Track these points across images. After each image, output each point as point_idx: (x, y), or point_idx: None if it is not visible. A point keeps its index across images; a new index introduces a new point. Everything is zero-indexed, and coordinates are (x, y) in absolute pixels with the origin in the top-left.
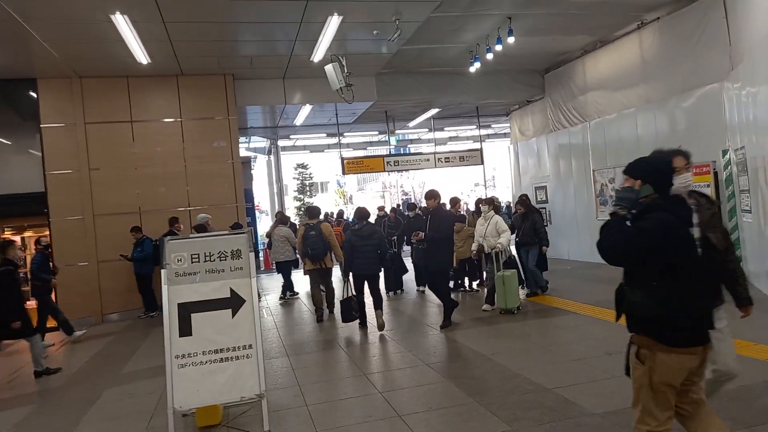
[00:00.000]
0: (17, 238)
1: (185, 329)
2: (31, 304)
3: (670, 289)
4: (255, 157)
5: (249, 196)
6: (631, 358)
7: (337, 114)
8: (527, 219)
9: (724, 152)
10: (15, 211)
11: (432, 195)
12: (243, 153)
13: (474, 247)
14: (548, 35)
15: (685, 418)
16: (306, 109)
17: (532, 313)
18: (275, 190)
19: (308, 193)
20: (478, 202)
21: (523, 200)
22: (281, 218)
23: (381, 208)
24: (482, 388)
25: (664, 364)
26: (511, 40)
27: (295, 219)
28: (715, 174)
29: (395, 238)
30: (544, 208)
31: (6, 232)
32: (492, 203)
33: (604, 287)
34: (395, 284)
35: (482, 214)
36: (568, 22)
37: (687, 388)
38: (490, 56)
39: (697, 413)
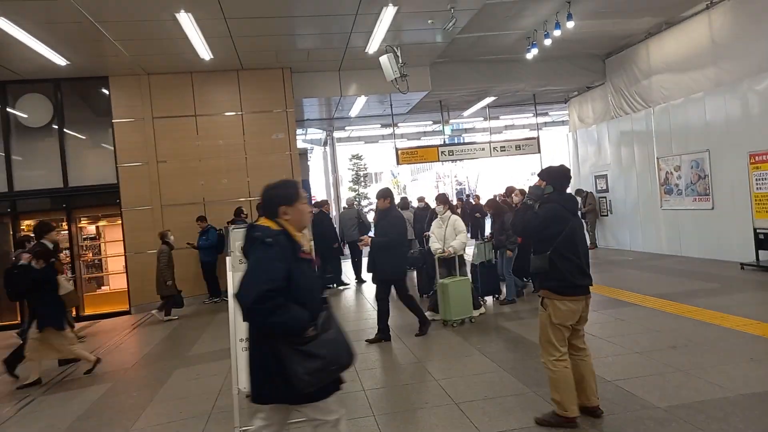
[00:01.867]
0: (92, 228)
1: None
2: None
3: (555, 256)
4: (312, 149)
5: (306, 187)
6: (539, 306)
7: (391, 104)
8: (497, 219)
9: None
10: (90, 202)
11: (383, 194)
12: (300, 145)
13: (435, 251)
14: (609, 18)
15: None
16: (361, 101)
17: (591, 304)
18: (331, 181)
19: (363, 184)
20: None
21: (492, 200)
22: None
23: (421, 199)
24: (539, 378)
25: (559, 309)
26: (570, 24)
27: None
28: None
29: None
30: (605, 197)
31: (82, 222)
32: (446, 202)
33: (668, 278)
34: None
35: (438, 216)
36: (631, 4)
37: (577, 328)
38: (548, 42)
39: (582, 357)
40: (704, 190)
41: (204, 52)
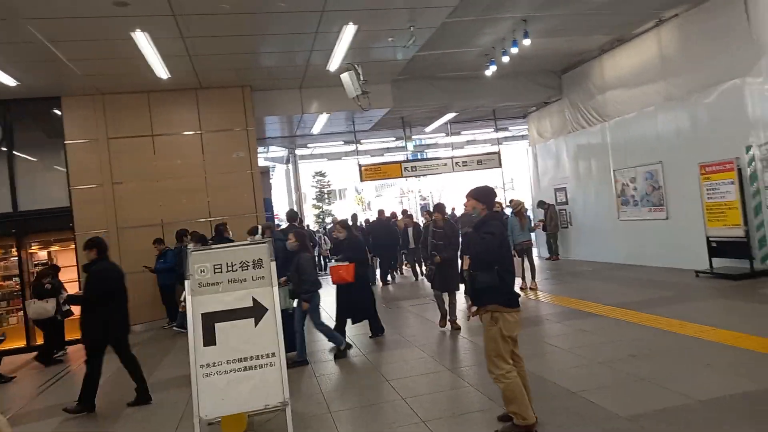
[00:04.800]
0: (43, 253)
1: (209, 339)
2: None
3: (502, 270)
4: (273, 167)
5: (268, 205)
6: (484, 321)
7: (354, 121)
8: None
9: (748, 148)
10: (42, 227)
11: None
12: (262, 163)
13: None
14: (565, 36)
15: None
16: (323, 118)
17: (554, 316)
18: (294, 199)
19: (327, 201)
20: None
21: (299, 232)
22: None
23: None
24: None
25: (509, 321)
26: (526, 42)
27: (314, 226)
28: (739, 171)
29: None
30: (564, 209)
31: (33, 247)
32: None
33: (628, 288)
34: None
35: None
36: (585, 22)
37: (516, 339)
38: (506, 59)
39: (521, 367)
40: (659, 201)
41: (161, 71)
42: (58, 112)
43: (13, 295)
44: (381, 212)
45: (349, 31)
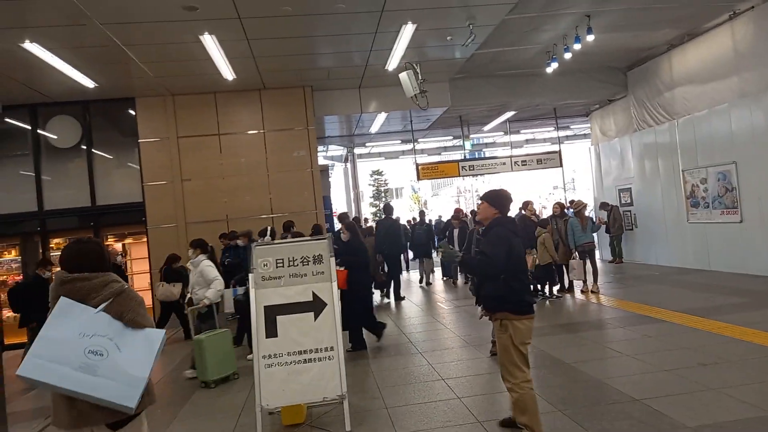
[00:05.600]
0: (118, 246)
1: (271, 331)
2: None
3: (509, 277)
4: (332, 165)
5: (327, 203)
6: (495, 328)
7: (411, 120)
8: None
9: None
10: (117, 220)
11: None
12: (321, 161)
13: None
14: (630, 31)
15: None
16: (381, 117)
17: (617, 320)
18: (352, 197)
19: (384, 199)
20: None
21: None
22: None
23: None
24: (566, 397)
25: (519, 328)
26: (590, 38)
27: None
28: None
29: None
30: (629, 210)
31: (109, 239)
32: (200, 246)
33: (696, 294)
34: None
35: (189, 260)
36: (652, 16)
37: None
38: (568, 56)
39: None
40: (732, 203)
41: (227, 73)
42: (133, 112)
43: None
44: (422, 214)
45: (408, 31)
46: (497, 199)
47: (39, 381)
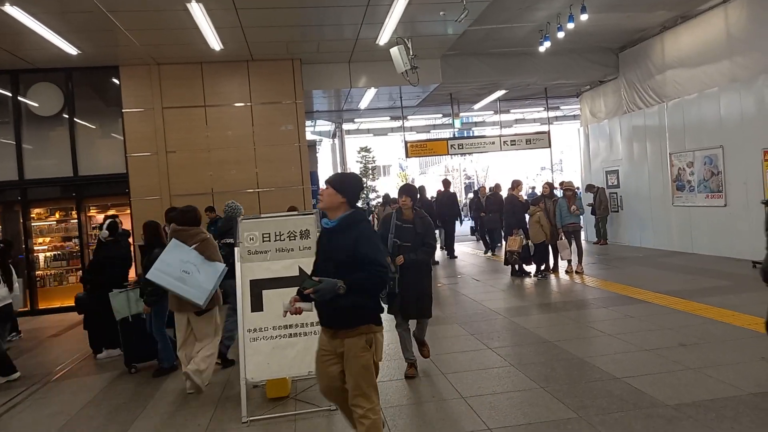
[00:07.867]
0: (100, 217)
1: (257, 305)
2: None
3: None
4: (320, 141)
5: (314, 179)
6: (353, 347)
7: (401, 97)
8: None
9: None
10: (100, 191)
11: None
12: (309, 137)
13: None
14: (624, 11)
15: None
16: (371, 93)
17: (601, 301)
18: (339, 173)
19: (371, 176)
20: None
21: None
22: None
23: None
24: (548, 374)
25: (380, 342)
26: (584, 17)
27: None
28: None
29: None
30: (615, 193)
31: (91, 210)
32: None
33: (679, 276)
34: None
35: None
36: None
37: None
38: (561, 35)
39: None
40: (717, 187)
41: (214, 43)
42: (117, 81)
43: (73, 255)
44: (446, 182)
45: (400, 4)
46: (342, 183)
47: (156, 283)
